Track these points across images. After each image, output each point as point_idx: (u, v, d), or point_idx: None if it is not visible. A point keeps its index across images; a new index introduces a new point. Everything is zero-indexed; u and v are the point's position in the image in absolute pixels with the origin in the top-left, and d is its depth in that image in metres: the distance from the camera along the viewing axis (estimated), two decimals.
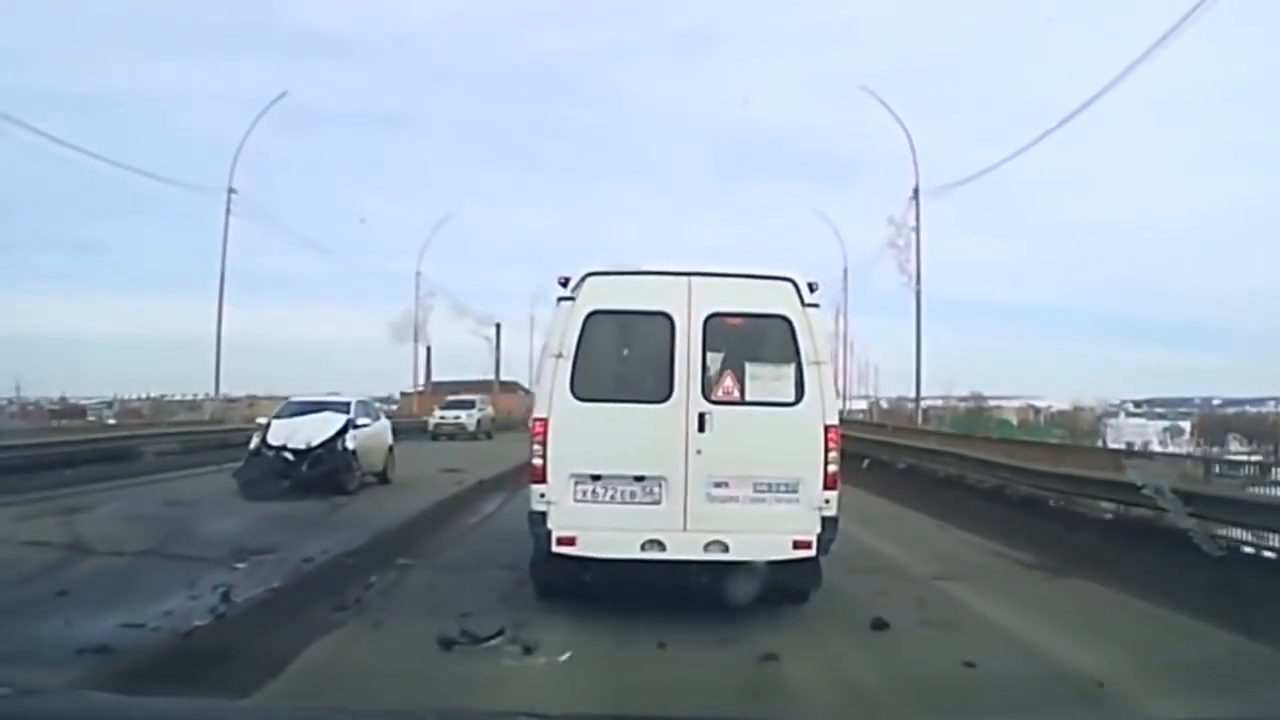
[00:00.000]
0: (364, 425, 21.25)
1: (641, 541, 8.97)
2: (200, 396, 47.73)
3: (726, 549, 8.95)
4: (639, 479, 9.04)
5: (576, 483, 9.09)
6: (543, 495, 9.06)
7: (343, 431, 20.20)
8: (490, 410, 51.86)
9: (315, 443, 19.88)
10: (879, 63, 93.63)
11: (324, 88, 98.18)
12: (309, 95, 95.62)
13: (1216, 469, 18.44)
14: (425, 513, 16.36)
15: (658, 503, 9.05)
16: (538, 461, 9.09)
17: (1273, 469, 19.04)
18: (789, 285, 9.22)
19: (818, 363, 9.17)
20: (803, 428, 9.09)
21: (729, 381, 9.28)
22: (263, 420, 21.45)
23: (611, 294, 9.27)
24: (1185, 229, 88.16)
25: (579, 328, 9.14)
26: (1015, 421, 59.03)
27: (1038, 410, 72.57)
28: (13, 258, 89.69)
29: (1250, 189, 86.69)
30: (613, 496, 9.14)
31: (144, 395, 61.38)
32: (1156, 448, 33.28)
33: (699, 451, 9.01)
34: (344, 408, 21.23)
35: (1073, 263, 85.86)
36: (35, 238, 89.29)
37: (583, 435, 9.04)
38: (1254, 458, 30.31)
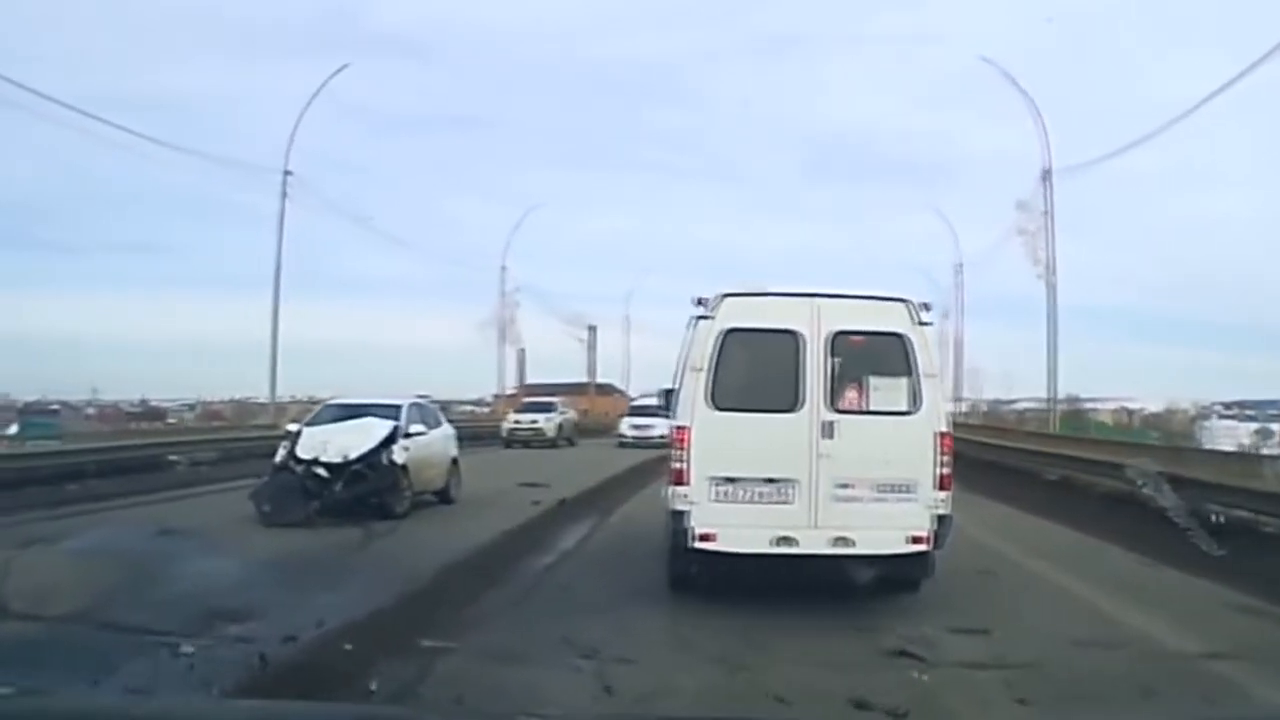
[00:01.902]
0: (417, 433, 18.21)
1: (774, 538, 9.97)
2: (286, 399, 44.79)
3: (851, 544, 9.96)
4: (771, 481, 10.07)
5: (715, 485, 10.06)
6: (684, 496, 10.08)
7: (388, 441, 17.24)
8: (572, 414, 48.22)
9: (353, 455, 16.85)
10: (963, 63, 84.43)
11: (411, 90, 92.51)
12: (393, 98, 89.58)
13: None
14: (485, 549, 13.54)
15: (788, 502, 10.03)
16: (679, 465, 10.11)
17: None
18: (904, 306, 10.31)
19: (930, 375, 10.22)
20: (918, 434, 10.08)
21: (852, 393, 10.23)
22: (292, 427, 18.53)
23: (745, 313, 10.33)
24: (1273, 228, 78.93)
25: (717, 344, 10.19)
26: (1110, 424, 57.28)
27: (1131, 412, 69.85)
28: (91, 260, 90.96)
29: None
30: (747, 497, 10.07)
31: (228, 398, 59.30)
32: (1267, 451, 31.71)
33: (826, 456, 10.03)
34: (392, 412, 18.13)
35: (1160, 264, 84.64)
36: (115, 240, 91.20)
37: (720, 442, 10.06)
38: None
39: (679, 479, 10.10)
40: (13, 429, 40.36)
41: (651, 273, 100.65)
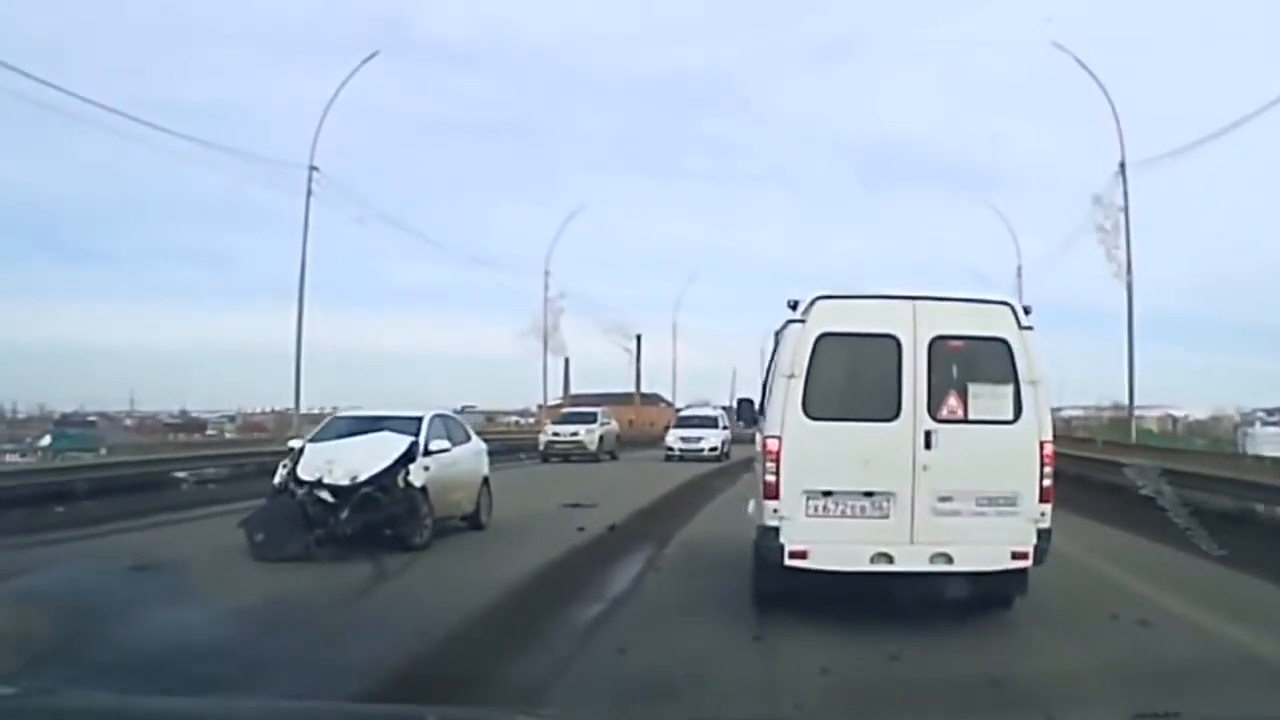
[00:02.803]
0: (440, 450, 15.64)
1: (871, 555, 9.53)
2: (328, 410, 41.09)
3: (951, 560, 9.54)
4: (869, 494, 9.65)
5: (809, 498, 9.66)
6: (776, 510, 9.67)
7: (404, 460, 14.68)
8: (614, 424, 44.95)
9: (363, 477, 14.25)
10: (1017, 71, 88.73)
11: (460, 99, 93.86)
12: (443, 107, 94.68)
13: None
14: (518, 594, 11.20)
15: (886, 517, 9.62)
16: (771, 478, 9.70)
17: None
18: (1007, 309, 9.97)
19: (1033, 382, 9.76)
20: (1021, 444, 9.69)
21: (953, 401, 9.78)
22: (295, 443, 16.13)
23: (840, 317, 9.91)
24: None
25: (810, 349, 9.78)
26: (1156, 430, 55.22)
27: (1175, 419, 68.66)
28: (131, 269, 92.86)
29: None
30: (843, 511, 9.65)
31: (269, 409, 57.52)
32: None
33: (926, 468, 9.63)
34: (411, 425, 15.62)
35: (1202, 268, 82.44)
36: (154, 249, 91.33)
37: (815, 453, 9.70)
38: None
39: (770, 492, 9.71)
40: (45, 440, 40.32)
41: (701, 280, 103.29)
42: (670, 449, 39.68)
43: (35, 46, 62.72)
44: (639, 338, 73.26)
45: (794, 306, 9.93)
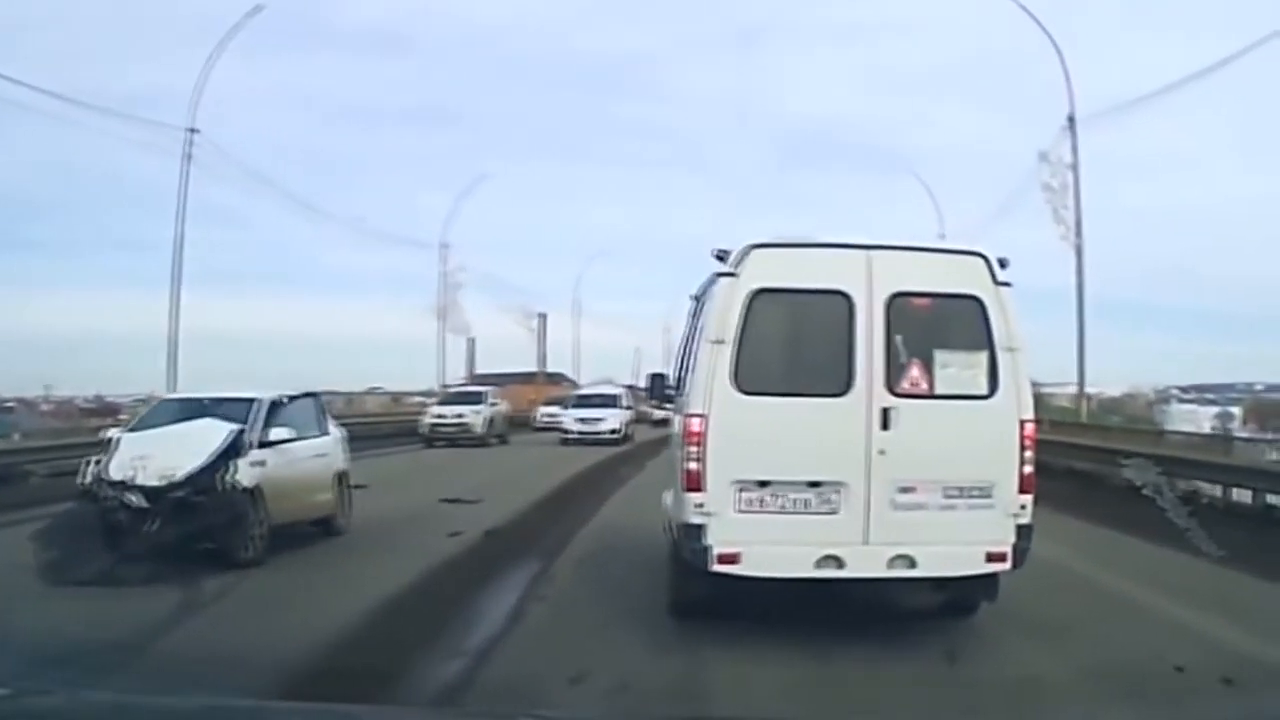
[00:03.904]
0: (280, 440, 12.85)
1: (816, 558, 8.24)
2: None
3: (913, 564, 8.28)
4: (814, 485, 8.33)
5: (741, 490, 8.30)
6: (700, 505, 8.28)
7: (228, 454, 11.97)
8: (504, 405, 41.31)
9: (179, 476, 11.55)
10: (936, 56, 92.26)
11: (374, 84, 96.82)
12: (364, 92, 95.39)
13: None
14: (341, 645, 8.22)
15: (835, 512, 8.31)
16: (694, 466, 8.31)
17: None
18: (980, 261, 8.60)
19: (1012, 349, 8.46)
20: (997, 424, 8.42)
21: (916, 372, 8.44)
22: (112, 433, 13.18)
23: (779, 269, 8.57)
24: (1228, 216, 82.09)
25: (742, 308, 8.39)
26: (1069, 407, 53.90)
27: (1089, 397, 66.01)
28: (53, 255, 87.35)
29: None
30: (783, 506, 8.32)
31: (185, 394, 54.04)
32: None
33: (882, 452, 8.31)
34: (242, 409, 12.79)
35: (1118, 249, 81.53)
36: (80, 236, 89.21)
37: (748, 435, 8.32)
38: None
39: (693, 483, 8.34)
40: None
41: (615, 263, 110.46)
42: (567, 431, 37.06)
43: None
44: (543, 316, 73.24)
45: (722, 257, 8.55)
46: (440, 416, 36.85)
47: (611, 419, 37.28)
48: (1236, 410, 63.67)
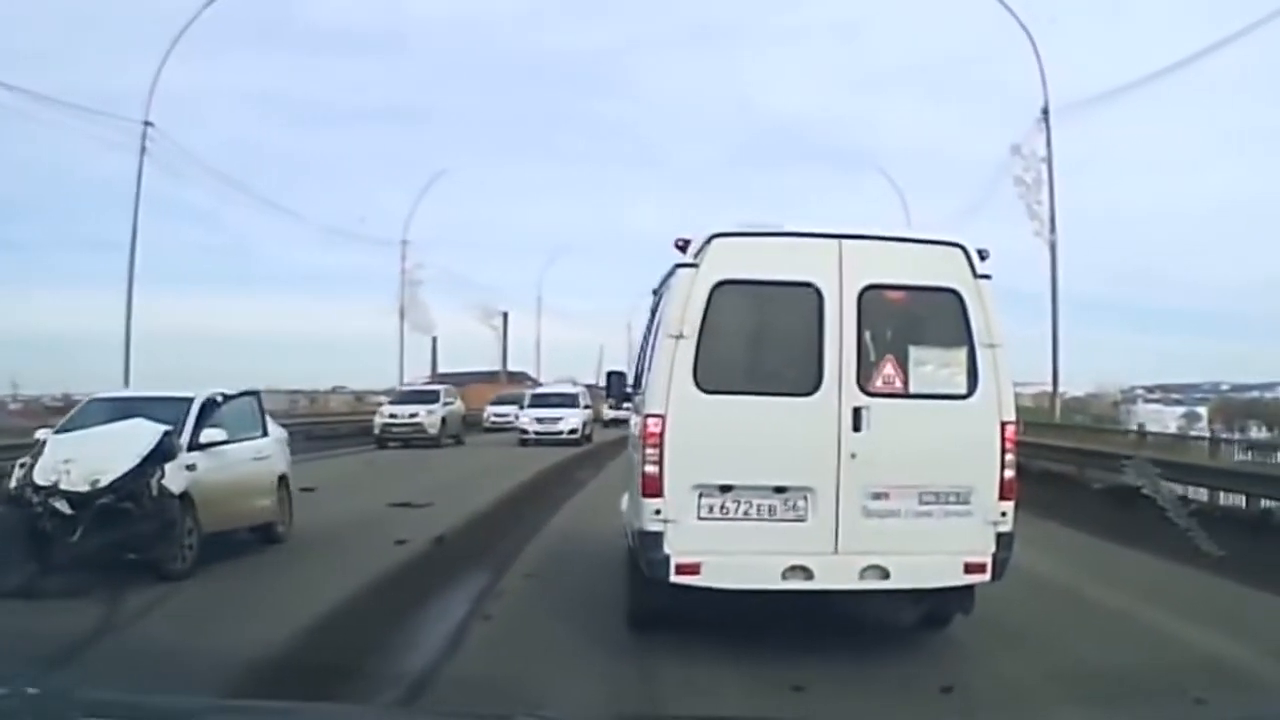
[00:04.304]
0: (213, 443, 12.09)
1: (783, 569, 7.80)
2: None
3: (886, 575, 7.86)
4: (780, 490, 7.89)
5: (702, 495, 7.85)
6: (658, 511, 7.85)
7: (157, 457, 11.01)
8: (459, 404, 39.97)
9: (105, 481, 10.67)
10: (894, 56, 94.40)
11: (339, 83, 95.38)
12: (329, 91, 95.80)
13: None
14: (275, 665, 7.53)
15: (802, 519, 7.89)
16: (651, 469, 7.87)
17: None
18: (959, 252, 8.15)
19: (992, 345, 8.03)
20: (976, 425, 8.00)
21: (890, 369, 8.03)
22: (42, 434, 12.39)
23: (744, 260, 8.10)
24: (1191, 216, 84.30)
25: (704, 301, 7.94)
26: (1033, 407, 54.76)
27: (1051, 395, 66.60)
28: (27, 255, 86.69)
29: (1258, 179, 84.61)
30: (747, 512, 7.88)
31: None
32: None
33: (854, 455, 7.89)
34: (176, 409, 11.94)
35: (1075, 248, 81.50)
36: (48, 236, 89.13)
37: (709, 436, 7.89)
38: None
39: (651, 488, 7.90)
40: None
41: (576, 261, 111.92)
42: (524, 431, 35.86)
43: None
44: (505, 315, 73.43)
45: (683, 247, 8.05)
46: (393, 416, 35.75)
47: (570, 419, 36.37)
48: (1203, 410, 63.34)
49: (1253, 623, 9.44)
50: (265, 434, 13.54)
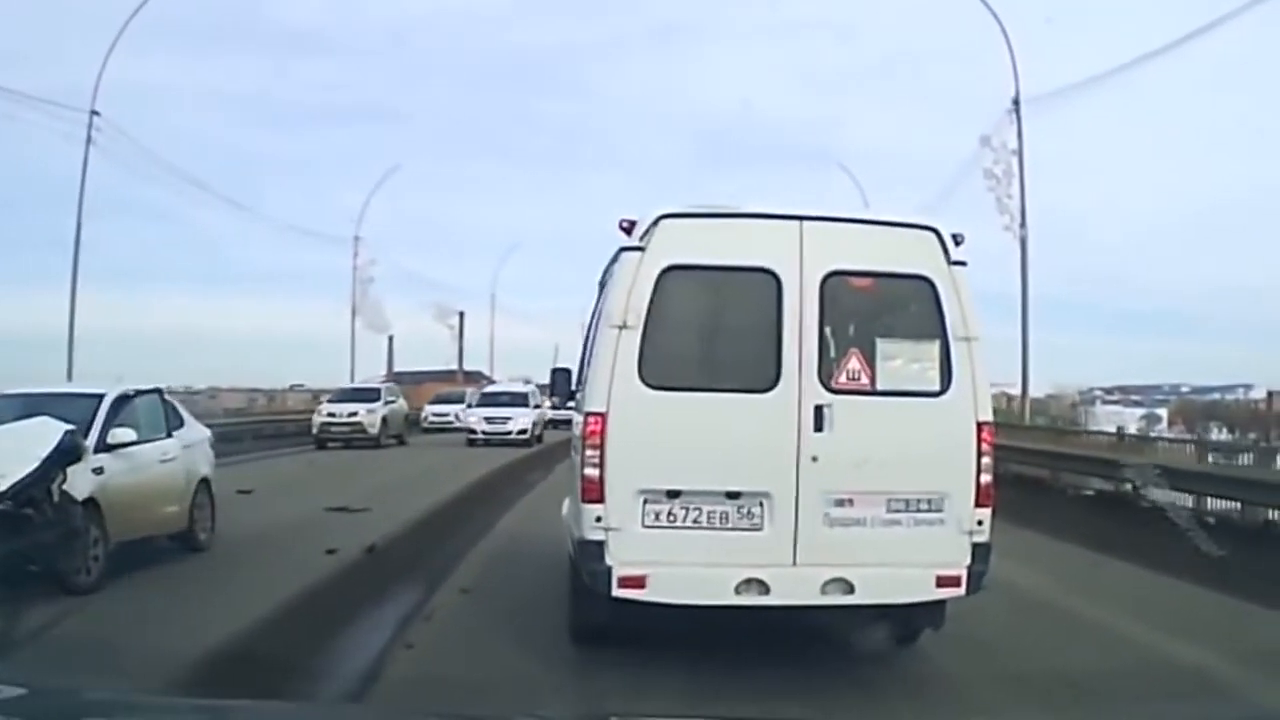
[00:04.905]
0: (123, 444, 11.14)
1: (737, 582, 7.29)
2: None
3: (851, 589, 7.36)
4: (733, 496, 7.40)
5: (647, 501, 7.37)
6: (599, 519, 7.37)
7: (60, 459, 9.87)
8: (402, 403, 38.40)
9: (3, 486, 9.53)
10: (859, 56, 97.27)
11: (305, 83, 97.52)
12: (291, 90, 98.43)
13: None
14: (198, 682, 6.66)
15: (758, 528, 7.40)
16: (592, 472, 7.39)
17: None
18: (931, 236, 7.65)
19: (967, 339, 7.54)
20: (950, 425, 7.52)
21: (855, 364, 7.56)
22: None
23: (695, 243, 7.58)
24: (1149, 217, 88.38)
25: (650, 288, 7.43)
26: (997, 409, 52.82)
27: (1010, 398, 66.83)
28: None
29: (1211, 185, 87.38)
30: (697, 520, 7.38)
31: None
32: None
33: (815, 458, 7.40)
34: (83, 408, 11.01)
35: (1036, 248, 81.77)
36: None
37: (656, 436, 7.41)
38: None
39: (592, 493, 7.41)
40: None
41: (534, 259, 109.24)
42: (472, 431, 34.72)
43: None
44: (461, 315, 74.03)
45: (628, 229, 7.51)
46: (331, 416, 34.10)
47: (521, 418, 35.33)
48: (1163, 412, 65.53)
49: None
50: (185, 434, 12.67)
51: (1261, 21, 37.51)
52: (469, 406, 39.06)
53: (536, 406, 36.42)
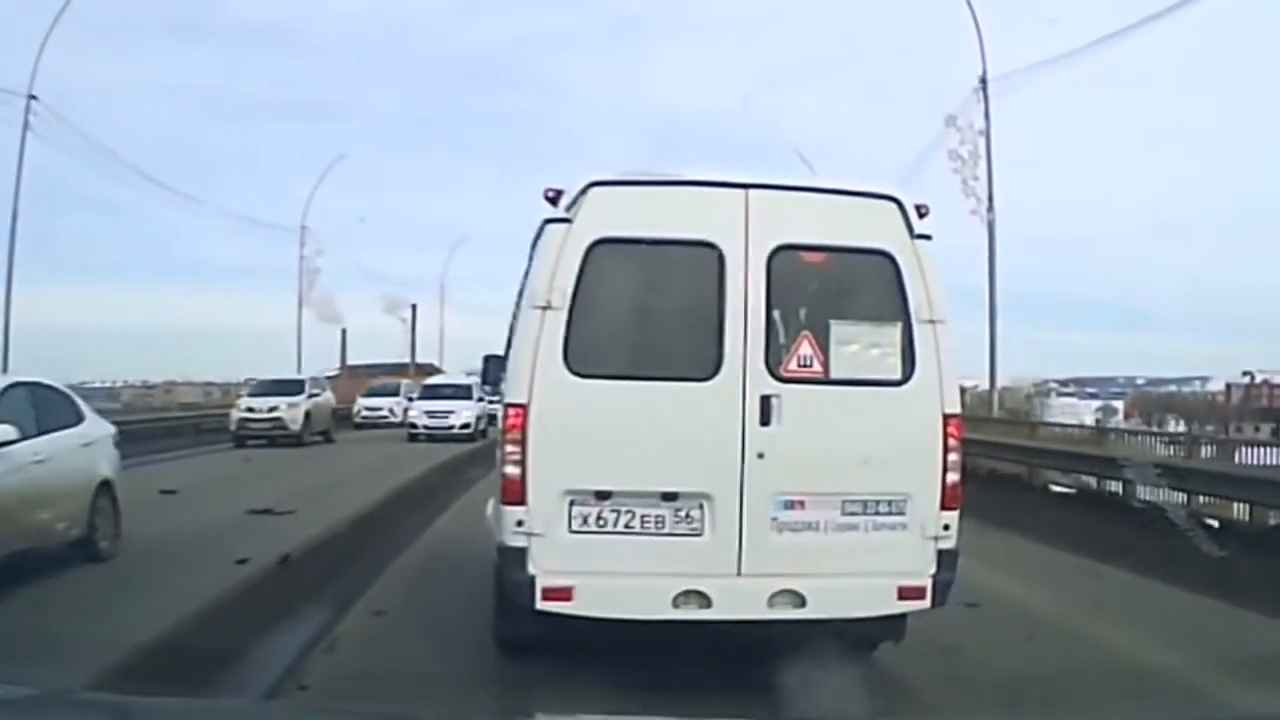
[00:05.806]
0: (7, 442, 9.87)
1: (675, 594, 6.73)
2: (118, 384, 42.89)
3: (802, 603, 6.81)
4: (669, 498, 6.82)
5: (574, 503, 6.79)
6: (520, 523, 6.77)
7: None
8: (329, 396, 36.72)
9: None
10: (811, 49, 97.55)
11: (261, 78, 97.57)
12: (247, 85, 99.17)
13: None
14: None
15: (698, 534, 6.84)
16: (513, 470, 6.78)
17: None
18: (892, 206, 7.08)
19: (932, 321, 6.97)
20: (913, 417, 6.98)
21: (806, 349, 6.96)
22: None
23: (628, 213, 6.96)
24: (1099, 211, 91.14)
25: (578, 264, 6.83)
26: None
27: (964, 390, 67.16)
28: None
29: (1166, 179, 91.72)
30: (629, 525, 6.80)
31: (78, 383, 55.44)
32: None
33: (761, 455, 6.84)
34: None
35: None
36: None
37: (583, 431, 6.83)
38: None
39: (513, 493, 6.75)
40: None
41: (488, 254, 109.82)
42: (414, 426, 34.09)
43: None
44: (414, 307, 74.39)
45: (554, 199, 6.93)
46: (250, 410, 32.00)
47: (463, 412, 34.38)
48: (1119, 404, 67.46)
49: None
50: (84, 431, 11.56)
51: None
52: (410, 400, 38.09)
53: (480, 399, 34.94)
